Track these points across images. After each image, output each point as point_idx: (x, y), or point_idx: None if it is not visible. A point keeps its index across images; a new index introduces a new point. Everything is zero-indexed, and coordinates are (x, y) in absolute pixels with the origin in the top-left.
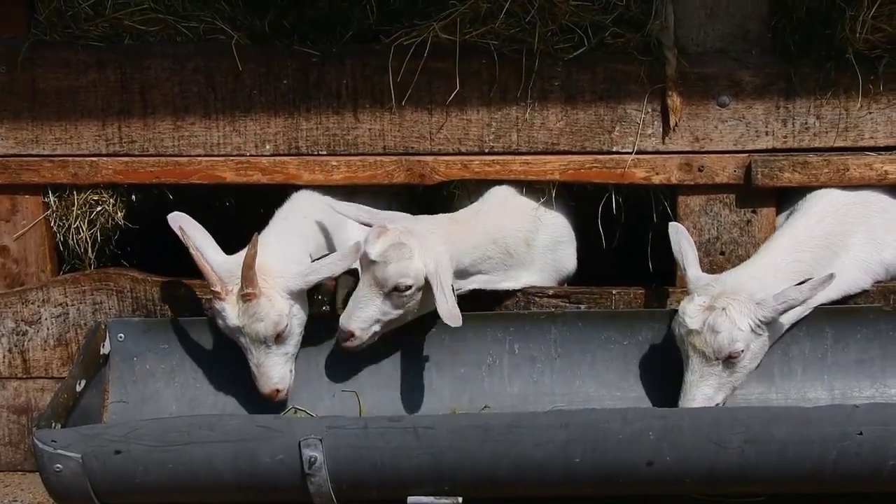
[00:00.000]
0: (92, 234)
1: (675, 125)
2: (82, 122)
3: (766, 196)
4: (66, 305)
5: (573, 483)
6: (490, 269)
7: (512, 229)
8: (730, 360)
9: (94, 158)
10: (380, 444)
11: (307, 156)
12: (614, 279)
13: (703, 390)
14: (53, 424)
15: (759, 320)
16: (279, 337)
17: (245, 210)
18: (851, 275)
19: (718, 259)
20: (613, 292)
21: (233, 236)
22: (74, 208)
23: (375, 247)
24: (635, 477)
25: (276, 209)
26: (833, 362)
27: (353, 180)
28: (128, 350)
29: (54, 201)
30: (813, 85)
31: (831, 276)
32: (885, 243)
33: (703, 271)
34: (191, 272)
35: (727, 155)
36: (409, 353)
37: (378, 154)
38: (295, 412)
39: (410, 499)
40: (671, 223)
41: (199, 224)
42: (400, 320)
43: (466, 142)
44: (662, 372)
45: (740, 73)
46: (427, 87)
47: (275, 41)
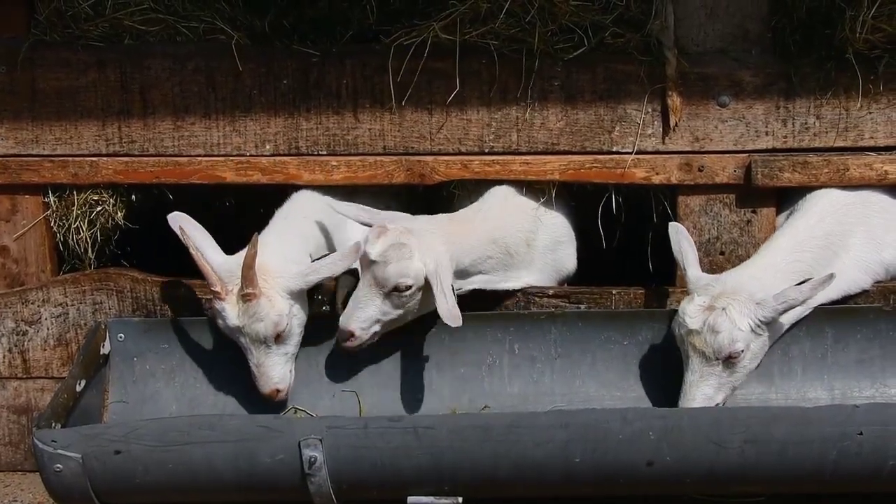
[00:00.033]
0: (92, 234)
1: (675, 125)
2: (82, 122)
3: (766, 196)
4: (66, 305)
5: (573, 483)
6: (490, 269)
7: (512, 229)
8: (730, 361)
9: (94, 158)
10: (380, 444)
11: (307, 156)
12: (614, 279)
13: (703, 390)
14: (53, 424)
15: (759, 320)
16: (279, 337)
17: (245, 210)
18: (851, 275)
19: (718, 259)
20: (613, 292)
21: (233, 236)
22: (74, 208)
23: (375, 247)
24: (635, 477)
25: (276, 209)
26: (833, 362)
27: (353, 180)
28: (128, 350)
29: (54, 201)
30: (813, 85)
31: (831, 276)
32: (885, 243)
33: (703, 271)
34: (191, 272)
35: (727, 155)
36: (409, 353)
37: (378, 154)
38: (295, 412)
39: (410, 499)
40: (671, 223)
41: (199, 224)
42: (400, 320)
43: (466, 142)
44: (662, 372)
45: (740, 73)
46: (427, 87)
47: (275, 41)
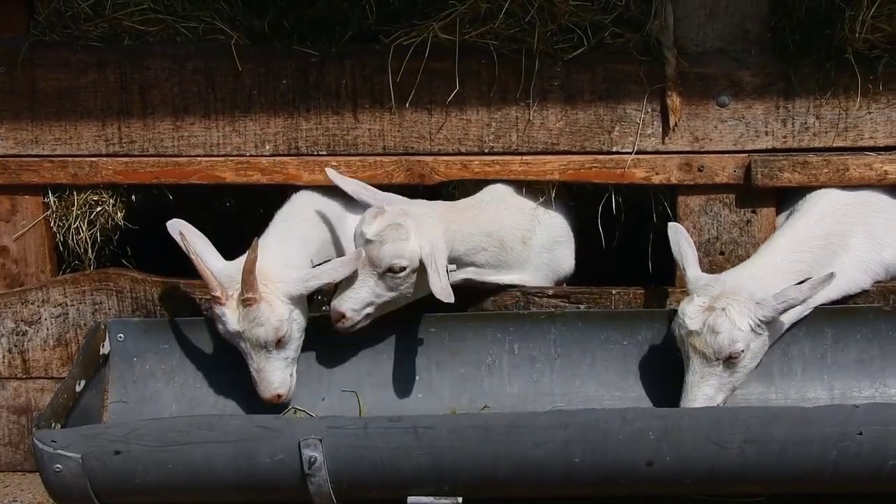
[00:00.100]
0: (92, 234)
1: (675, 125)
2: (82, 123)
3: (766, 196)
4: (66, 306)
5: (573, 483)
6: (484, 261)
7: (509, 226)
8: (730, 361)
9: (93, 159)
10: (380, 444)
11: (307, 156)
12: (614, 279)
13: (704, 391)
14: (53, 424)
15: (759, 320)
16: (279, 342)
17: (245, 210)
18: (851, 275)
19: (718, 259)
20: (613, 292)
21: (233, 237)
22: (74, 208)
23: (372, 226)
24: (635, 477)
25: (276, 210)
26: (833, 362)
27: None
28: (128, 350)
29: (54, 201)
30: (812, 85)
31: (831, 276)
32: (884, 243)
33: (703, 271)
34: (191, 273)
35: (727, 155)
36: (409, 353)
37: (378, 154)
38: (295, 412)
39: (410, 499)
40: (671, 223)
41: (198, 230)
42: (393, 304)
43: (466, 142)
44: (662, 372)
45: (740, 73)
46: (427, 87)
47: (274, 41)
